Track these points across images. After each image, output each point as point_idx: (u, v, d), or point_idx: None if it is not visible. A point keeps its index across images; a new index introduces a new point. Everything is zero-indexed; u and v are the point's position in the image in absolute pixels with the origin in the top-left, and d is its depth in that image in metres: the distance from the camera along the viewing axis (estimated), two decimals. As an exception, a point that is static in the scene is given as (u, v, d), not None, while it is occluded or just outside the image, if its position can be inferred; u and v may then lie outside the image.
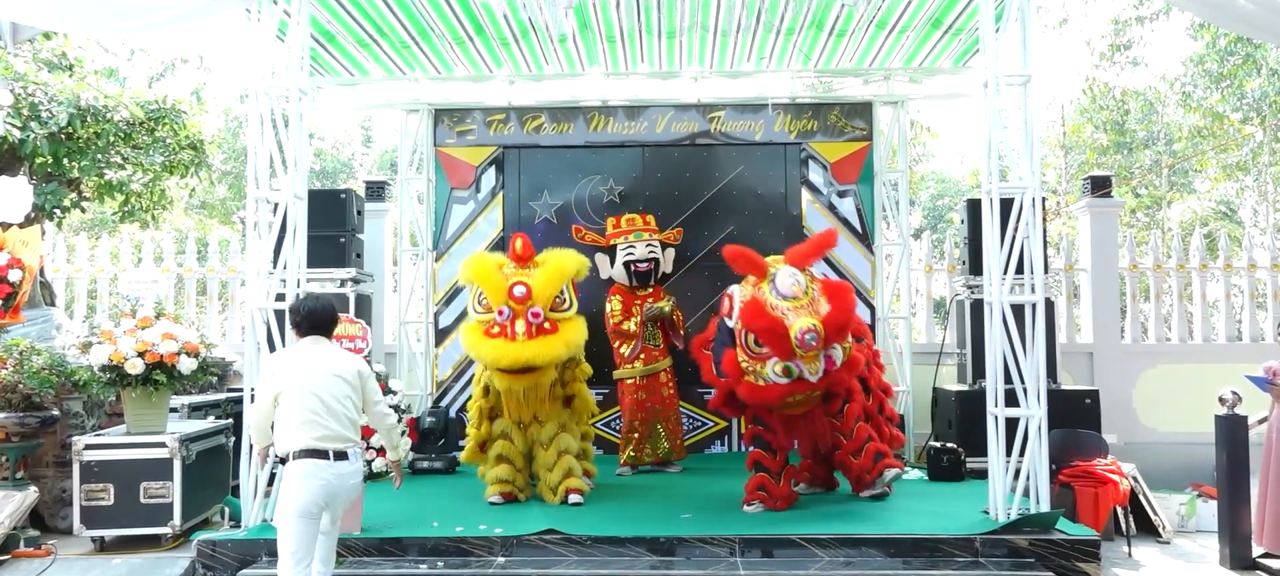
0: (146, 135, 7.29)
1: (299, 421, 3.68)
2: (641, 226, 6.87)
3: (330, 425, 3.69)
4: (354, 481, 3.78)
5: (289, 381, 3.75)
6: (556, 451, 5.61)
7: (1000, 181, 5.03)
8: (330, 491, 3.67)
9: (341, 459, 3.69)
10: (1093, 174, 8.54)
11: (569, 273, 5.56)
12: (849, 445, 5.47)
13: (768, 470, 5.37)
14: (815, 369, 4.76)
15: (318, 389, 3.73)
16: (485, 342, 5.29)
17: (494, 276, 5.41)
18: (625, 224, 6.91)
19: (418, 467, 6.82)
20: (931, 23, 6.68)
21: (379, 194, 8.50)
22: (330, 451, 3.66)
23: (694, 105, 7.88)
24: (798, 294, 4.84)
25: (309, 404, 3.69)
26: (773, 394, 4.84)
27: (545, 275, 5.44)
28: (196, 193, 14.34)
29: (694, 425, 7.57)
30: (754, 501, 5.36)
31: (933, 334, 8.44)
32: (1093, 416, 6.52)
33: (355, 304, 7.00)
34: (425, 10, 6.41)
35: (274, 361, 3.94)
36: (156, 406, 5.51)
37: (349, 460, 3.73)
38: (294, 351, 3.92)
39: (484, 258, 5.69)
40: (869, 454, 5.46)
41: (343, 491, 3.73)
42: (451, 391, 7.70)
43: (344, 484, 3.72)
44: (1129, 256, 8.27)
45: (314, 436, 3.66)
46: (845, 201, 7.81)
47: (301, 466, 3.64)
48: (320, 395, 3.72)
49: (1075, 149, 17.33)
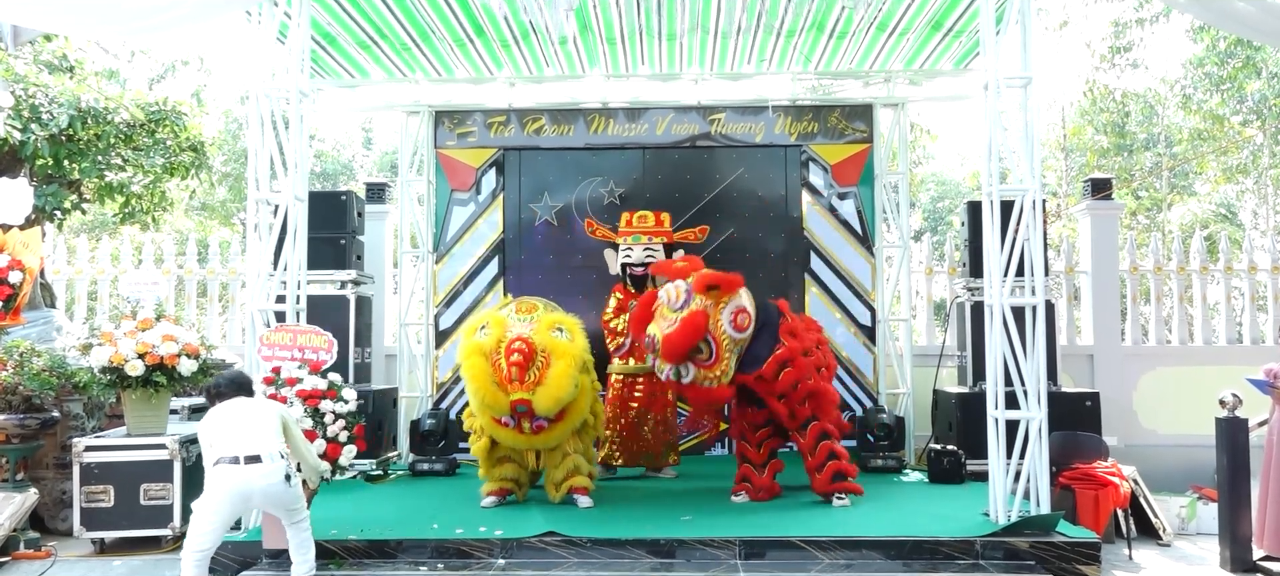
0: (147, 137, 7.29)
1: (219, 443, 4.10)
2: (651, 228, 6.81)
3: (244, 436, 4.08)
4: (269, 482, 4.05)
5: (214, 426, 4.17)
6: (561, 453, 5.59)
7: (1001, 183, 5.03)
8: (242, 492, 4.04)
9: (254, 461, 4.03)
10: (1093, 176, 8.54)
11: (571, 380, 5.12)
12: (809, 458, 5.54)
13: (750, 461, 5.75)
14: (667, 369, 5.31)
15: (235, 415, 4.19)
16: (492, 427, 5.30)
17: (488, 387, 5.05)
18: (636, 222, 6.86)
19: (418, 469, 6.82)
20: (932, 25, 6.69)
21: (379, 196, 8.51)
22: (241, 456, 4.03)
23: (694, 107, 7.89)
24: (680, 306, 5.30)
25: (226, 427, 4.14)
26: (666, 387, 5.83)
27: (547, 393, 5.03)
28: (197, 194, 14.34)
29: (693, 427, 7.56)
30: (740, 492, 5.75)
31: (933, 336, 8.44)
32: (1093, 419, 6.51)
33: (356, 305, 7.00)
34: (426, 12, 6.42)
35: (202, 428, 4.26)
36: (157, 408, 5.52)
37: (262, 463, 4.05)
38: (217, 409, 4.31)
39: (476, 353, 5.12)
40: (829, 472, 5.52)
41: (257, 491, 4.06)
42: (451, 393, 7.71)
43: (256, 484, 4.04)
44: (1129, 259, 8.27)
45: (228, 447, 4.06)
46: (845, 203, 7.81)
47: (215, 471, 4.05)
48: (236, 418, 4.18)
49: (1076, 151, 17.35)
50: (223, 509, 4.05)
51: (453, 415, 7.37)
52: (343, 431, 5.00)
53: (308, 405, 4.95)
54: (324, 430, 4.95)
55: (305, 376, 5.02)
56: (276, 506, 4.21)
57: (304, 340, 5.11)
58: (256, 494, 4.08)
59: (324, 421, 4.96)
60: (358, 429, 5.07)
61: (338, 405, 5.02)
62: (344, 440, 5.00)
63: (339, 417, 5.00)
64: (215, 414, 4.25)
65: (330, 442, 4.94)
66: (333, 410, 5.00)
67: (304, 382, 4.99)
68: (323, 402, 4.97)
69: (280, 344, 5.09)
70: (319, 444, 4.85)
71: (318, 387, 4.99)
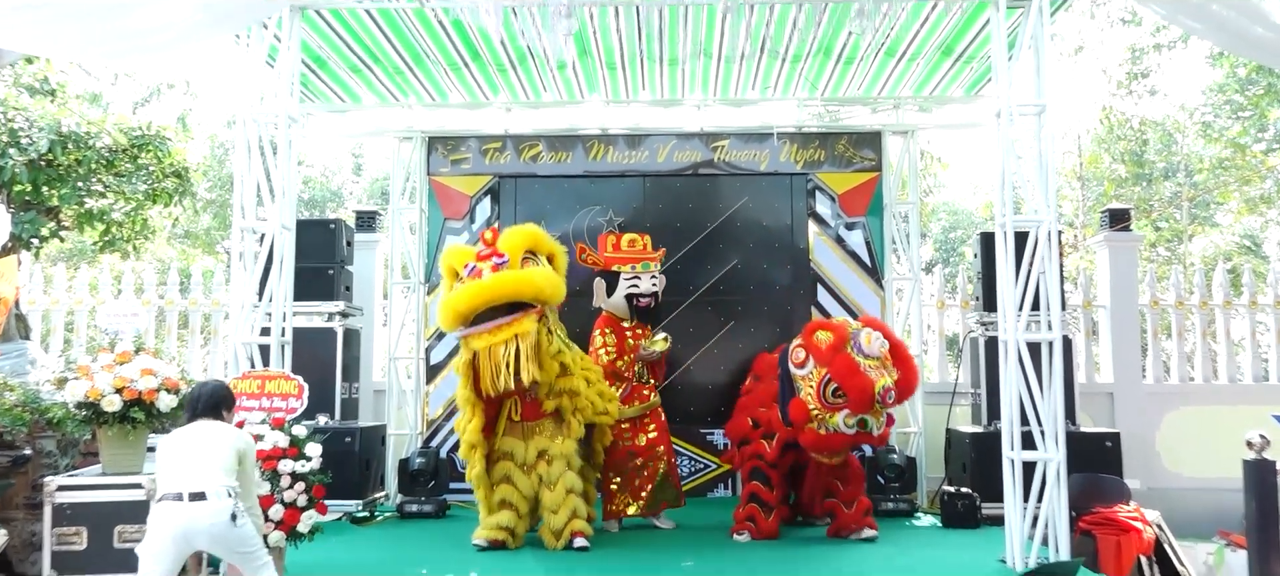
0: (129, 162, 7.34)
1: (164, 476, 3.91)
2: (645, 253, 6.50)
3: (190, 470, 3.88)
4: (214, 521, 3.82)
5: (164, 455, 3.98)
6: (564, 490, 5.47)
7: (1015, 214, 5.05)
8: (184, 533, 3.80)
9: (198, 499, 3.81)
10: (1111, 206, 8.58)
11: (539, 240, 5.53)
12: (845, 493, 5.82)
13: (762, 502, 5.82)
14: (881, 422, 5.47)
15: (189, 443, 3.99)
16: (450, 294, 5.20)
17: (466, 251, 5.45)
18: (627, 248, 6.49)
19: (407, 511, 6.76)
20: (942, 50, 6.75)
21: (370, 224, 8.52)
22: (185, 492, 3.82)
23: (697, 134, 7.93)
24: (881, 354, 5.45)
25: (175, 458, 3.94)
26: (837, 442, 5.51)
27: (511, 233, 5.45)
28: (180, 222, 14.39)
29: (696, 467, 7.52)
30: (743, 531, 5.82)
31: (945, 373, 8.41)
32: (1114, 460, 6.48)
33: (343, 338, 6.99)
34: (420, 35, 6.48)
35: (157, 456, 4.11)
36: (134, 445, 5.47)
37: (206, 500, 3.82)
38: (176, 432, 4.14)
39: (460, 244, 5.77)
40: (860, 508, 5.81)
41: (201, 532, 3.82)
42: (442, 431, 7.66)
43: (199, 525, 3.81)
44: (1150, 292, 8.27)
45: (172, 482, 3.86)
46: (853, 234, 7.83)
47: (156, 510, 3.86)
48: (187, 447, 3.97)
49: (1092, 180, 17.41)
50: (166, 553, 3.83)
51: (443, 453, 7.33)
52: (302, 495, 4.72)
53: (264, 469, 4.65)
54: (280, 494, 4.67)
55: (267, 432, 4.75)
56: (225, 550, 3.96)
57: (273, 386, 4.96)
58: (200, 535, 3.85)
59: (280, 485, 4.67)
60: (318, 490, 4.77)
61: (298, 464, 4.71)
62: (303, 504, 4.72)
63: (297, 479, 4.69)
64: (169, 441, 4.07)
65: (288, 508, 4.67)
66: (291, 471, 4.69)
67: (264, 441, 4.70)
68: (280, 462, 4.68)
69: (247, 393, 4.96)
70: (275, 509, 4.61)
71: (278, 445, 4.71)
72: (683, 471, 7.36)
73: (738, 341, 7.51)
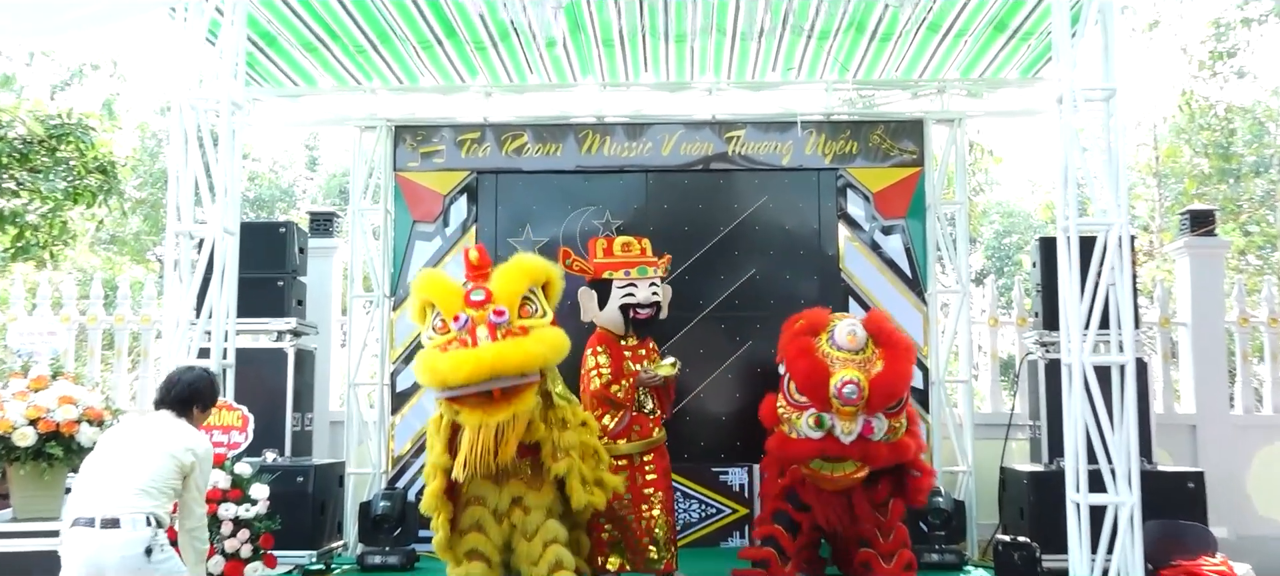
0: (47, 155, 7.37)
1: (79, 494, 3.82)
2: (643, 256, 6.39)
3: (107, 489, 3.79)
4: (125, 554, 3.73)
5: (88, 465, 3.89)
6: (542, 542, 5.49)
7: (1079, 216, 5.07)
8: (93, 565, 3.71)
9: (110, 526, 3.73)
10: (1192, 207, 8.60)
11: (537, 271, 5.47)
12: (883, 546, 5.66)
13: (780, 548, 5.73)
14: (849, 429, 5.17)
15: (117, 449, 3.90)
16: (439, 358, 5.06)
17: (449, 287, 5.33)
18: (621, 251, 6.37)
19: (368, 563, 6.76)
20: (994, 26, 6.78)
21: (326, 228, 8.54)
22: (97, 519, 3.73)
23: (708, 123, 7.96)
24: (853, 347, 5.30)
25: (97, 471, 3.85)
26: (803, 449, 5.32)
27: (507, 272, 5.37)
28: (105, 225, 14.43)
29: (707, 511, 7.51)
30: None
31: (999, 402, 8.40)
32: (1197, 504, 6.46)
33: (295, 361, 6.99)
34: (385, 8, 6.51)
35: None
36: (50, 486, 5.47)
37: (119, 529, 3.73)
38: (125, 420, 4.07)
39: (438, 273, 5.76)
40: (900, 563, 5.63)
41: (110, 567, 3.72)
42: (410, 469, 7.65)
43: (108, 558, 3.71)
44: (1238, 308, 8.28)
45: (86, 503, 3.78)
46: (891, 239, 7.84)
47: (67, 535, 3.77)
48: (116, 455, 3.88)
49: (1171, 177, 17.42)
50: None
51: (411, 496, 7.32)
52: (246, 545, 4.71)
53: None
54: (221, 544, 4.66)
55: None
56: None
57: (213, 418, 4.93)
58: (110, 570, 3.74)
59: (221, 533, 4.66)
60: (265, 539, 4.75)
61: (242, 508, 4.69)
62: (247, 556, 4.73)
63: (241, 526, 4.67)
64: (106, 438, 4.00)
65: (230, 560, 4.66)
66: (233, 517, 4.67)
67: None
68: (222, 506, 4.65)
69: None
70: (216, 562, 4.59)
71: (218, 486, 4.70)
72: (692, 518, 7.35)
73: (755, 364, 7.51)
